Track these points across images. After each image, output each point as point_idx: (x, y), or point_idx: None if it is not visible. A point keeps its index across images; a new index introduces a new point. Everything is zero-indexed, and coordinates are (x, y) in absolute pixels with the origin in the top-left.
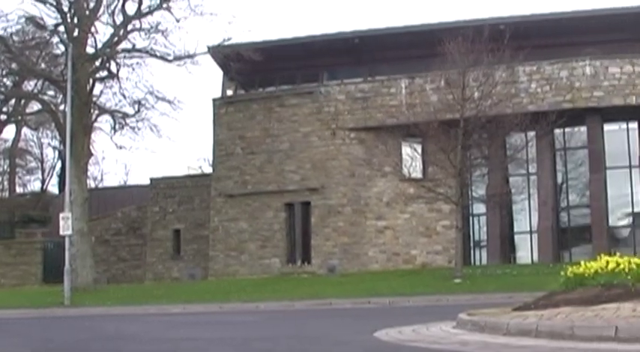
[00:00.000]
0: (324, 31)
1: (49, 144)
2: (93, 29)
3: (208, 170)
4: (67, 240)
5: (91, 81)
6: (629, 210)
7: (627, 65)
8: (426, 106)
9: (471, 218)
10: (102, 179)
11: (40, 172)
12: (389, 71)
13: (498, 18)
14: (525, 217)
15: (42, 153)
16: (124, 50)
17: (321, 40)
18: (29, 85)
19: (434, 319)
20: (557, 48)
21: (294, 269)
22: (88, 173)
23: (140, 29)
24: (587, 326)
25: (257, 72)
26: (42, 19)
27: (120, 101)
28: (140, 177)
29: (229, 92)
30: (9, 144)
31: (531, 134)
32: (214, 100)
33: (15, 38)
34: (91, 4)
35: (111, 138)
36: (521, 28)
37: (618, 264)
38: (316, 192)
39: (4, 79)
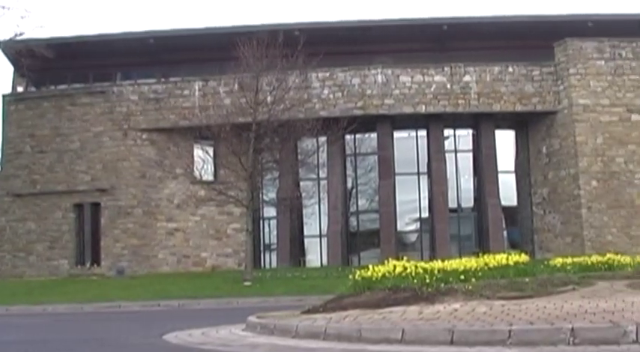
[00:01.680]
0: (119, 30)
1: None
2: None
3: None
4: None
5: None
6: (417, 215)
7: (418, 74)
8: (219, 109)
9: (261, 221)
10: None
11: None
12: (183, 73)
13: (293, 24)
14: (315, 221)
15: None
16: None
17: (116, 39)
18: None
19: (224, 322)
20: (351, 55)
21: (82, 271)
22: None
23: None
24: (374, 329)
25: (49, 69)
26: None
27: None
28: None
29: (20, 89)
30: None
31: (322, 139)
32: (4, 97)
33: None
34: None
35: None
36: (316, 35)
37: (405, 268)
38: (106, 193)
39: None
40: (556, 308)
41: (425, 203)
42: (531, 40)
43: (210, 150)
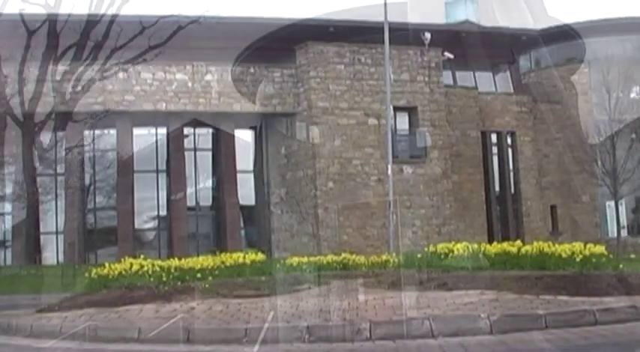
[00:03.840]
0: None
1: None
2: None
3: None
4: None
5: None
6: (155, 213)
7: (159, 71)
8: None
9: None
10: None
11: None
12: None
13: (31, 14)
14: (52, 217)
15: None
16: None
17: None
18: None
19: None
20: (92, 50)
21: None
22: None
23: None
24: (110, 328)
25: None
26: None
27: None
28: None
29: None
30: None
31: (61, 134)
32: None
33: None
34: None
35: None
36: (56, 27)
37: (142, 266)
38: None
39: None
40: (292, 307)
41: (163, 201)
42: (273, 42)
43: None
